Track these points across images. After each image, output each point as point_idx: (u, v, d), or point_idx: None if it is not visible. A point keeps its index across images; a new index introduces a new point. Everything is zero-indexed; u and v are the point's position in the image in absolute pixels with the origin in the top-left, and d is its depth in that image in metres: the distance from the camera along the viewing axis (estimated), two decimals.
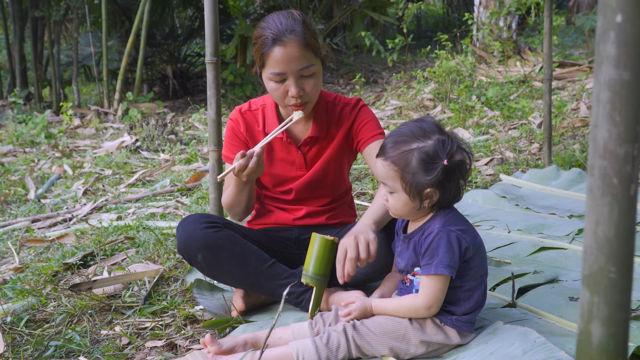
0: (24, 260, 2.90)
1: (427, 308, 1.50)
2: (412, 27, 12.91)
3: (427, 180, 1.48)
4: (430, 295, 1.49)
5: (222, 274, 1.91)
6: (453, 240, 1.48)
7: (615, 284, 0.83)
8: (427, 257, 1.49)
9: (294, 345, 1.53)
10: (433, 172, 1.48)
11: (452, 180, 1.51)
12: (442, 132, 1.53)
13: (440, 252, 1.47)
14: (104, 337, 1.92)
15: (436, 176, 1.47)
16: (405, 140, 1.52)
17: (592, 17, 8.20)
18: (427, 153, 1.48)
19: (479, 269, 1.55)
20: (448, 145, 1.50)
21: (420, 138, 1.51)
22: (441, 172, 1.48)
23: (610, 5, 0.77)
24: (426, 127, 1.53)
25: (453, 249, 1.47)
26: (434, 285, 1.48)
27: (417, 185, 1.49)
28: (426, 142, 1.50)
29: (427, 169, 1.48)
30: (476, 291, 1.56)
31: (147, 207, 3.67)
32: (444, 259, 1.46)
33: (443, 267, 1.46)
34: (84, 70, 10.40)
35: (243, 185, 1.93)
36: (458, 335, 1.55)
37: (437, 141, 1.50)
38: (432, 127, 1.53)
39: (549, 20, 3.53)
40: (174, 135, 6.04)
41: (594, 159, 0.81)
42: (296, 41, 1.82)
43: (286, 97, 1.88)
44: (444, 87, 6.14)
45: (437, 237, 1.48)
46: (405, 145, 1.51)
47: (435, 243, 1.48)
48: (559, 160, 3.69)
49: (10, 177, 5.09)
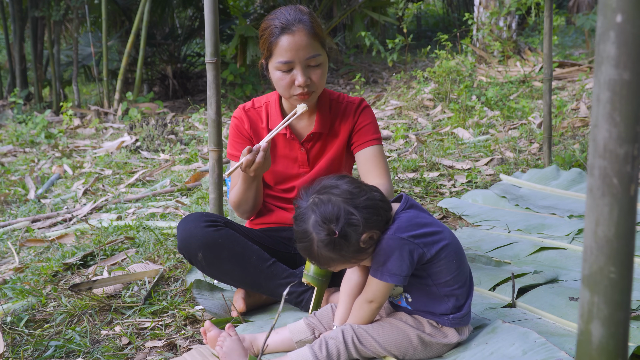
0: (24, 260, 2.90)
1: (369, 302, 1.53)
2: (412, 27, 12.91)
3: (355, 241, 1.44)
4: (371, 293, 1.52)
5: (222, 273, 1.91)
6: (404, 250, 1.45)
7: (615, 284, 0.83)
8: (375, 262, 1.49)
9: (292, 356, 1.53)
10: (351, 238, 1.43)
11: (361, 221, 1.44)
12: (312, 211, 1.46)
13: (388, 261, 1.46)
14: (104, 337, 1.92)
15: (355, 234, 1.43)
16: (305, 246, 1.47)
17: (592, 17, 8.20)
18: (323, 241, 1.43)
19: (450, 265, 1.51)
20: (319, 220, 1.43)
21: (305, 239, 1.46)
22: (347, 234, 1.43)
23: (610, 5, 0.77)
24: (297, 229, 1.49)
25: (402, 258, 1.45)
26: (376, 287, 1.50)
27: (355, 252, 1.47)
28: (311, 236, 1.45)
29: (341, 245, 1.44)
30: (456, 287, 1.53)
31: (147, 207, 3.67)
32: (391, 267, 1.46)
33: (388, 276, 1.47)
34: (84, 70, 10.40)
35: (250, 182, 1.94)
36: (457, 333, 1.55)
37: (314, 227, 1.44)
38: (303, 218, 1.47)
39: (549, 20, 3.53)
40: (174, 135, 6.04)
41: (594, 159, 0.81)
42: (304, 30, 1.85)
43: (292, 86, 1.89)
44: (444, 87, 6.14)
45: (387, 245, 1.47)
46: (312, 251, 1.47)
47: (383, 250, 1.47)
48: (559, 160, 3.69)
49: (10, 177, 5.09)
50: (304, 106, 1.90)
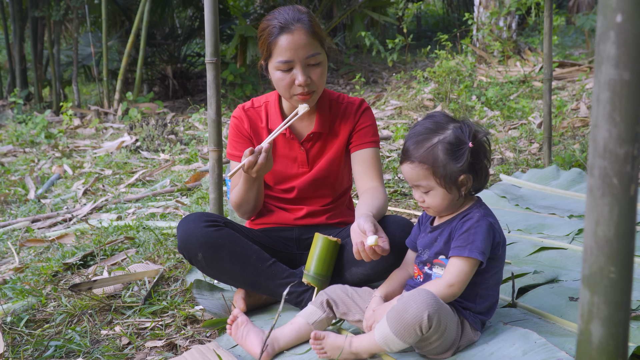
0: (24, 260, 2.90)
1: (449, 286, 1.47)
2: (412, 27, 12.90)
3: (458, 168, 1.50)
4: (455, 274, 1.48)
5: (222, 273, 1.91)
6: (490, 231, 1.50)
7: (615, 284, 0.83)
8: (462, 240, 1.49)
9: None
10: (462, 158, 1.50)
11: (480, 161, 1.54)
12: (455, 120, 1.57)
13: (477, 238, 1.48)
14: (104, 337, 1.92)
15: (466, 161, 1.50)
16: (424, 137, 1.54)
17: (592, 17, 8.20)
18: (450, 142, 1.51)
19: (500, 267, 1.57)
20: (466, 129, 1.53)
21: (438, 131, 1.53)
22: (469, 155, 1.50)
23: (610, 5, 0.77)
24: (439, 120, 1.56)
25: (489, 238, 1.50)
26: (462, 266, 1.47)
27: (450, 176, 1.51)
28: (445, 132, 1.53)
29: (456, 156, 1.50)
30: (492, 291, 1.57)
31: (147, 207, 3.67)
32: (480, 245, 1.47)
33: (477, 253, 1.46)
34: (84, 70, 10.40)
35: (252, 183, 1.94)
36: (471, 331, 1.55)
37: (455, 128, 1.53)
38: (444, 118, 1.57)
39: (549, 20, 3.53)
40: (174, 135, 6.04)
41: (594, 159, 0.81)
42: (303, 29, 1.85)
43: (292, 86, 1.89)
44: (444, 87, 6.14)
45: (477, 223, 1.50)
46: (426, 142, 1.53)
47: (474, 229, 1.49)
48: (559, 160, 3.69)
49: (10, 177, 5.09)
50: (306, 107, 1.89)
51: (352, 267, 1.87)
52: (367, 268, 1.83)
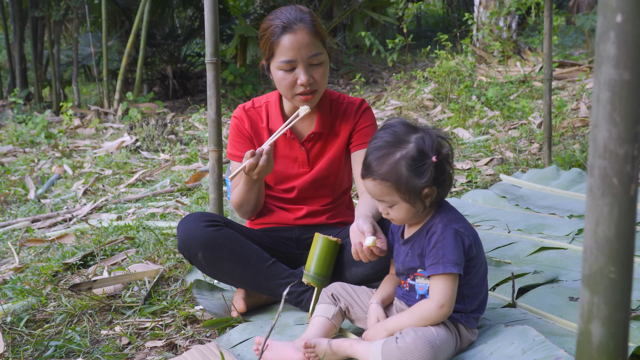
0: (24, 260, 2.90)
1: (440, 307, 1.45)
2: (412, 27, 12.90)
3: (422, 183, 1.46)
4: (440, 293, 1.45)
5: (222, 273, 1.91)
6: (458, 238, 1.47)
7: (615, 284, 0.83)
8: (433, 257, 1.47)
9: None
10: (426, 173, 1.46)
11: (445, 172, 1.50)
12: (416, 130, 1.51)
13: (447, 251, 1.45)
14: (104, 337, 1.92)
15: (430, 175, 1.46)
16: (386, 153, 1.49)
17: (592, 17, 8.20)
18: (412, 158, 1.46)
19: (480, 265, 1.55)
20: (428, 141, 1.48)
21: (399, 145, 1.48)
22: (433, 169, 1.46)
23: (610, 5, 0.77)
24: (399, 131, 1.51)
25: (459, 247, 1.46)
26: (443, 284, 1.45)
27: (414, 191, 1.47)
28: (407, 146, 1.47)
29: (419, 172, 1.46)
30: (479, 288, 1.56)
31: (147, 207, 3.67)
32: (451, 257, 1.44)
33: (451, 266, 1.44)
34: (84, 70, 10.40)
35: (253, 183, 1.94)
36: (468, 332, 1.55)
37: (417, 140, 1.48)
38: (404, 129, 1.51)
39: (549, 20, 3.53)
40: (174, 135, 6.04)
41: (594, 159, 0.81)
42: (306, 29, 1.85)
43: (295, 86, 1.89)
44: (444, 87, 6.14)
45: (442, 235, 1.47)
46: (388, 158, 1.48)
47: (440, 242, 1.46)
48: (559, 160, 3.69)
49: (10, 177, 5.09)
50: (307, 108, 1.89)
51: (352, 267, 1.87)
52: (367, 268, 1.84)
